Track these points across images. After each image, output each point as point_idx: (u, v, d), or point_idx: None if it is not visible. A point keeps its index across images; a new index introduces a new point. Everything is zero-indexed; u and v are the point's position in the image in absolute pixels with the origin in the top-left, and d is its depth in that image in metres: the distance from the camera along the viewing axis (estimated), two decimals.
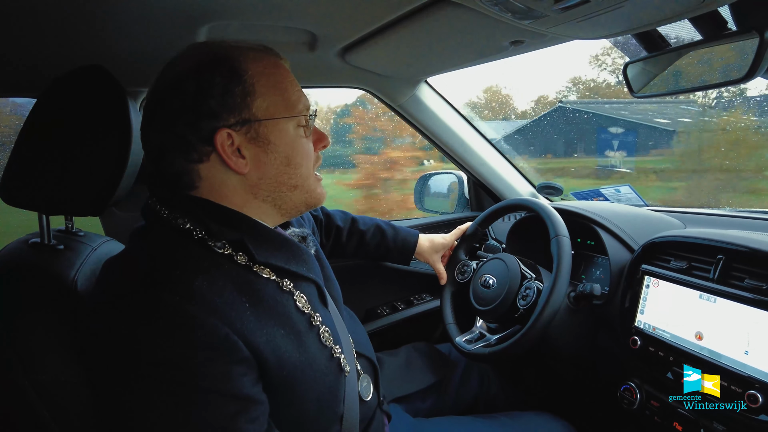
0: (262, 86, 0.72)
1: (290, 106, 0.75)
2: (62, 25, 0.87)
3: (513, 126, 6.83)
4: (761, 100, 3.98)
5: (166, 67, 0.73)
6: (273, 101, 0.73)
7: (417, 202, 1.99)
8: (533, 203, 1.19)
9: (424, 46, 1.13)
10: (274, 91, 0.73)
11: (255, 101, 0.71)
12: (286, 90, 0.75)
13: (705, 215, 1.31)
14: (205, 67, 0.70)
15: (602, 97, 7.60)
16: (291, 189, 0.77)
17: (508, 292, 1.13)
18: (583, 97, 7.96)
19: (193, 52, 0.73)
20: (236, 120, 0.70)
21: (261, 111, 0.72)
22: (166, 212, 0.72)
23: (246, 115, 0.71)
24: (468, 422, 1.11)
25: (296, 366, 0.70)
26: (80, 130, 0.80)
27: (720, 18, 0.83)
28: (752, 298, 0.83)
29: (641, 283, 1.04)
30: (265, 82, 0.73)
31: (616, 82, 7.34)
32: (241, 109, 0.71)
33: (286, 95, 0.75)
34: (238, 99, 0.70)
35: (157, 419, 0.61)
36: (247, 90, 0.71)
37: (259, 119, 0.72)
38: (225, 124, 0.70)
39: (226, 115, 0.70)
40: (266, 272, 0.74)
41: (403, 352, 1.32)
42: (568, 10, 0.77)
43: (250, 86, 0.71)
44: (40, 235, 0.85)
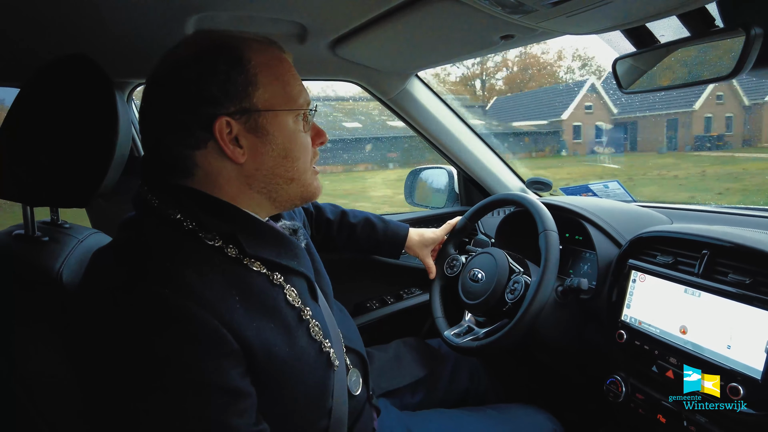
0: (264, 77, 0.72)
1: (291, 100, 0.75)
2: (47, 13, 0.86)
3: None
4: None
5: (168, 52, 0.73)
6: (274, 93, 0.73)
7: (407, 196, 1.99)
8: (522, 198, 1.20)
9: (414, 40, 1.13)
10: (275, 83, 0.73)
11: (256, 91, 0.71)
12: (288, 83, 0.75)
13: (692, 211, 1.32)
14: (208, 54, 0.70)
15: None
16: (287, 182, 0.77)
17: (497, 286, 1.13)
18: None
19: (196, 39, 0.73)
20: (236, 108, 0.70)
21: (262, 102, 0.72)
22: (157, 202, 0.72)
23: (246, 104, 0.71)
24: (456, 415, 1.12)
25: (285, 360, 0.70)
26: (65, 121, 0.79)
27: (707, 15, 0.84)
28: (735, 292, 0.85)
29: (628, 278, 1.05)
30: (267, 73, 0.73)
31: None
32: (242, 98, 0.70)
33: (287, 88, 0.75)
34: (239, 88, 0.70)
35: (144, 411, 0.60)
36: (249, 79, 0.71)
37: (259, 110, 0.72)
38: (225, 111, 0.70)
39: (227, 103, 0.70)
40: (257, 265, 0.73)
41: (393, 346, 1.32)
42: (557, 5, 0.78)
43: (252, 76, 0.71)
44: (24, 226, 0.84)
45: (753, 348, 0.80)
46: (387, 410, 1.07)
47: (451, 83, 20.23)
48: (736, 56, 0.77)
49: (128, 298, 0.62)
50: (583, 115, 13.49)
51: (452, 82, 20.75)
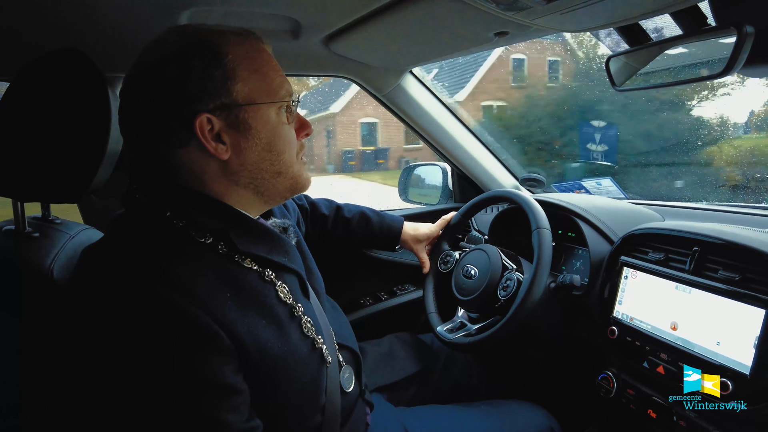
0: (243, 70, 0.71)
1: (272, 92, 0.74)
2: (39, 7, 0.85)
3: None
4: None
5: (144, 50, 0.71)
6: (254, 86, 0.72)
7: (401, 193, 1.99)
8: (516, 195, 1.20)
9: (409, 36, 1.13)
10: (255, 76, 0.72)
11: (235, 86, 0.70)
12: (268, 75, 0.74)
13: (684, 208, 1.34)
14: (184, 51, 0.68)
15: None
16: (274, 176, 0.76)
17: (490, 283, 1.14)
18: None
19: (172, 36, 0.71)
20: (216, 105, 0.69)
21: (242, 96, 0.71)
22: (146, 200, 0.71)
23: (226, 99, 0.69)
24: (449, 410, 1.12)
25: (278, 356, 0.70)
26: (57, 116, 0.78)
27: (700, 13, 0.84)
28: (725, 289, 0.85)
29: (620, 275, 1.06)
30: (246, 66, 0.71)
31: None
32: (221, 94, 0.69)
33: (267, 80, 0.74)
34: (218, 83, 0.69)
35: (136, 407, 0.60)
36: (227, 74, 0.69)
37: (239, 104, 0.70)
38: (204, 108, 0.68)
39: (206, 100, 0.68)
40: (248, 262, 0.73)
41: (386, 341, 1.33)
42: (551, 3, 0.78)
43: (230, 70, 0.69)
44: (15, 222, 0.83)
45: (742, 344, 0.81)
46: (380, 405, 1.08)
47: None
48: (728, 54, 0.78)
49: (120, 295, 0.62)
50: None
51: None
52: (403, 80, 1.54)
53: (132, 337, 0.60)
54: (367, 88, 1.55)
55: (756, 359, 0.79)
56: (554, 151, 4.33)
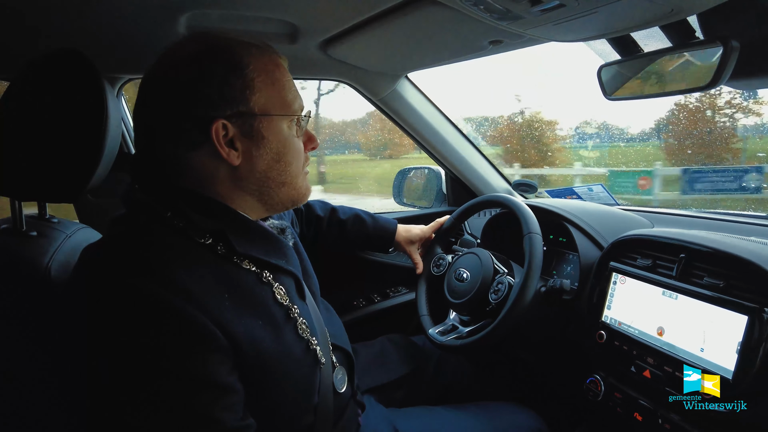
0: (261, 82, 0.73)
1: (286, 105, 0.76)
2: (38, 7, 0.86)
3: None
4: None
5: (165, 52, 0.73)
6: (270, 98, 0.74)
7: (395, 196, 2.00)
8: (508, 200, 1.22)
9: (404, 42, 1.14)
10: (272, 89, 0.74)
11: (253, 96, 0.72)
12: (284, 88, 0.76)
13: (673, 215, 1.36)
14: (206, 56, 0.70)
15: None
16: (279, 185, 0.78)
17: (481, 286, 1.15)
18: None
19: (194, 41, 0.73)
20: (233, 112, 0.71)
21: (258, 106, 0.73)
22: (147, 200, 0.72)
23: (243, 108, 0.71)
24: (439, 412, 1.14)
25: (273, 356, 0.71)
26: (55, 115, 0.79)
27: (688, 27, 0.87)
28: (710, 295, 0.87)
29: (609, 280, 1.07)
30: (264, 78, 0.73)
31: None
32: (239, 102, 0.71)
33: (283, 93, 0.76)
34: (237, 92, 0.71)
35: (132, 405, 0.61)
36: (246, 84, 0.71)
37: (255, 114, 0.72)
38: (222, 114, 0.70)
39: (224, 106, 0.70)
40: (246, 263, 0.74)
41: (378, 343, 1.34)
42: (545, 13, 0.80)
43: (250, 81, 0.72)
44: (12, 221, 0.84)
45: (725, 349, 0.83)
46: (372, 406, 1.08)
47: None
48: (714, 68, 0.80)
49: (118, 294, 0.62)
50: None
51: None
52: (399, 85, 1.56)
53: (129, 335, 0.61)
54: (363, 92, 1.56)
55: (738, 364, 0.81)
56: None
